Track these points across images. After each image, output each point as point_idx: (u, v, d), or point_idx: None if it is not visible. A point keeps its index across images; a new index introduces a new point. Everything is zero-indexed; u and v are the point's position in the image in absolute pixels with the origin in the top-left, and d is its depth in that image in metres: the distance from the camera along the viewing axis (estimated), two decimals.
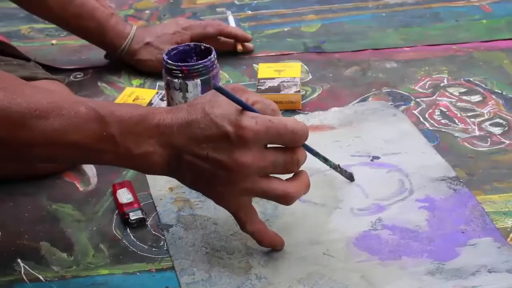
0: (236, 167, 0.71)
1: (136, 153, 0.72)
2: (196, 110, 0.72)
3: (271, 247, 0.80)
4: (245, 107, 0.72)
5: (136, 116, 0.72)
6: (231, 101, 0.72)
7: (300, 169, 0.76)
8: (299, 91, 1.08)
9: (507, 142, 0.98)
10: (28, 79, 1.03)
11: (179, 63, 0.97)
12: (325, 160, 0.85)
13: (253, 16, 1.39)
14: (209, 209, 0.88)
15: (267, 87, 1.09)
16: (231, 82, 1.17)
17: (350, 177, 0.90)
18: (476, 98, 1.09)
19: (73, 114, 0.71)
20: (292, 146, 0.74)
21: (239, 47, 1.24)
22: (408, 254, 0.80)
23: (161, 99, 1.11)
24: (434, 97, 1.09)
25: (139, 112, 0.73)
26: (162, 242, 0.84)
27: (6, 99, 0.69)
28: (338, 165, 0.88)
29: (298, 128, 0.73)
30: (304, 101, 1.10)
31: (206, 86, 0.97)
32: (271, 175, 0.75)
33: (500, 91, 1.10)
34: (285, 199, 0.75)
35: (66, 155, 0.73)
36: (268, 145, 0.74)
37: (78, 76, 1.21)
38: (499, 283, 0.76)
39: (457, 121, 1.03)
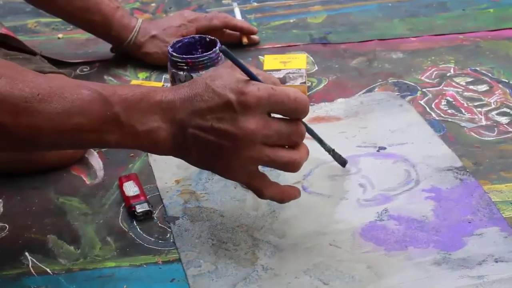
0: (240, 135, 0.71)
1: (140, 131, 0.72)
2: (197, 84, 0.73)
3: (291, 200, 0.79)
4: (247, 72, 0.72)
5: (138, 94, 0.73)
6: (232, 73, 0.72)
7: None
8: (305, 83, 1.08)
9: None
10: None
11: (184, 56, 0.97)
12: (320, 141, 0.85)
13: (258, 8, 1.38)
14: (215, 201, 0.88)
15: None
16: None
17: (343, 163, 0.90)
18: (483, 87, 1.08)
19: (75, 97, 0.71)
20: (294, 116, 0.74)
21: (245, 39, 1.24)
22: (414, 245, 0.80)
23: None
24: (440, 87, 1.09)
25: (141, 90, 0.73)
26: (168, 235, 0.84)
27: (7, 84, 0.69)
28: (333, 149, 0.88)
29: (301, 97, 0.73)
30: (310, 92, 1.10)
31: None
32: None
33: (507, 81, 1.09)
34: (292, 166, 0.74)
35: (71, 139, 0.72)
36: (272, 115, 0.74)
37: (84, 69, 1.21)
38: (506, 272, 0.75)
39: (463, 111, 1.03)
